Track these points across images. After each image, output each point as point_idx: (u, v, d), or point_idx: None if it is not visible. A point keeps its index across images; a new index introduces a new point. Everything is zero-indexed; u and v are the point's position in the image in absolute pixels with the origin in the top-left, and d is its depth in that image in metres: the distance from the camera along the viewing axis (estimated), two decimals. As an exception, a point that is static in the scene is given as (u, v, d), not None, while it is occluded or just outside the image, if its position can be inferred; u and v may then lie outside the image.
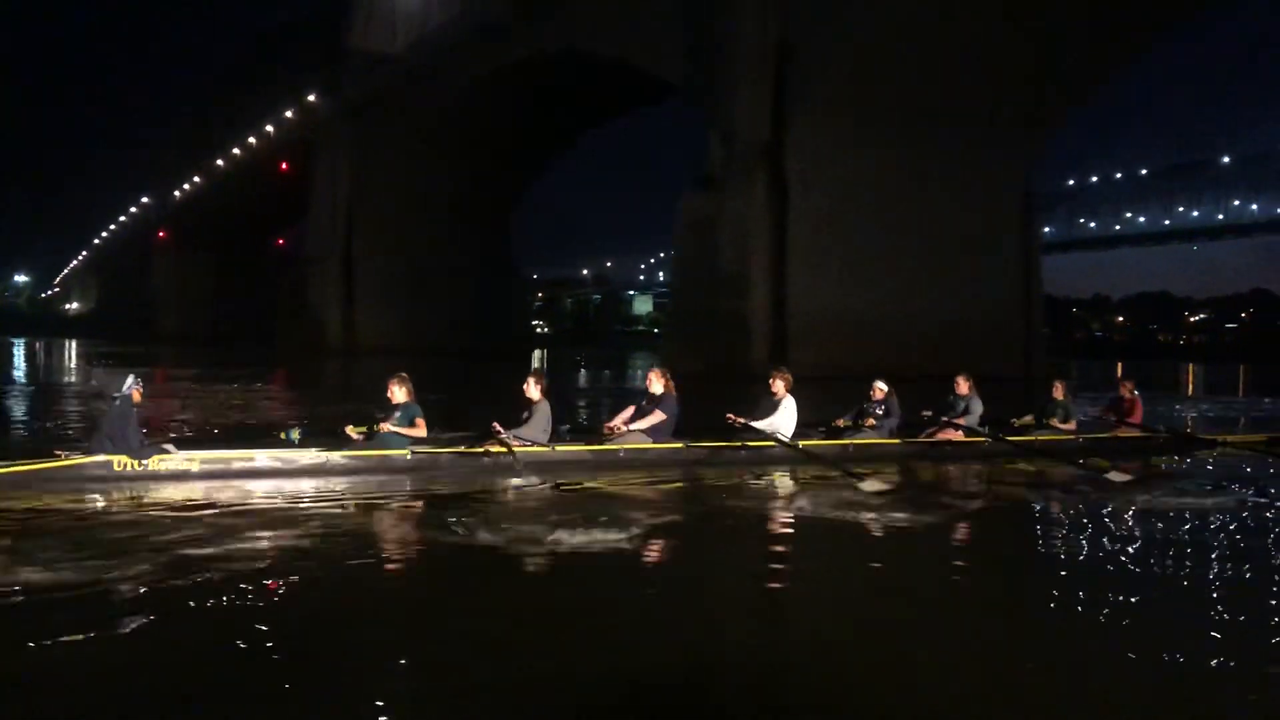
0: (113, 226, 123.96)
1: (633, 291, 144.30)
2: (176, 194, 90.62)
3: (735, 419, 9.72)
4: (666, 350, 33.96)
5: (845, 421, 10.75)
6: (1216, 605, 5.07)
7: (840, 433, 10.53)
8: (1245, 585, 5.62)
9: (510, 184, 61.02)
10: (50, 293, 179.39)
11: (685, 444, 9.32)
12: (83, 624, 4.28)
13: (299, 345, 57.09)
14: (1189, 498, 8.41)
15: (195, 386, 22.02)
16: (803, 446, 9.56)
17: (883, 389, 10.58)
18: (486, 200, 59.78)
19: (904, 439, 10.50)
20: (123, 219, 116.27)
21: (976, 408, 10.86)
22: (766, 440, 9.52)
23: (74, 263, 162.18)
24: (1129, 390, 12.05)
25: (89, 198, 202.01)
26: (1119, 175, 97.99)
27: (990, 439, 10.63)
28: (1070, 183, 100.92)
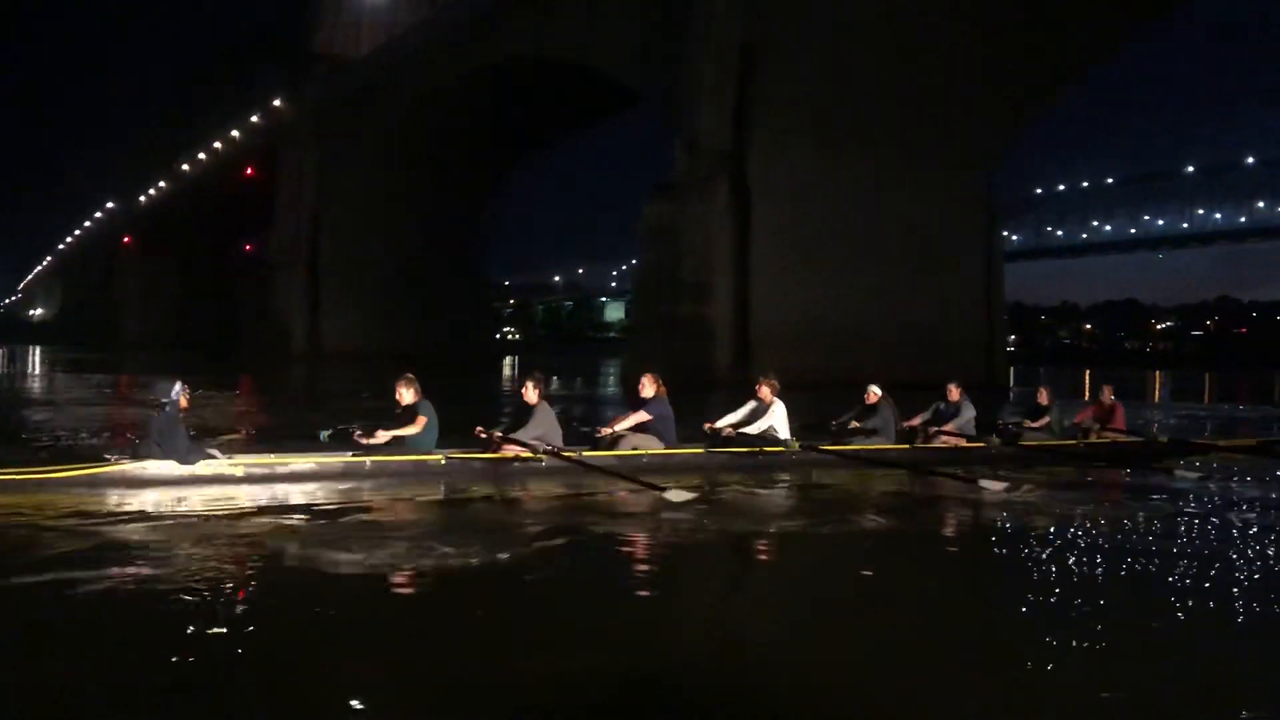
0: (77, 232, 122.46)
1: (605, 298, 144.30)
2: (142, 199, 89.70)
3: (727, 428, 9.76)
4: (630, 357, 33.80)
5: (839, 424, 10.69)
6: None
7: (840, 438, 10.45)
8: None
9: (477, 189, 60.73)
10: (13, 299, 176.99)
11: (706, 449, 9.50)
12: (155, 623, 4.39)
13: (264, 351, 56.57)
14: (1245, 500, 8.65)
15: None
16: (820, 449, 9.77)
17: (876, 394, 10.54)
18: (454, 205, 59.52)
19: (914, 445, 10.50)
20: (88, 224, 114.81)
21: (969, 413, 10.86)
22: (780, 445, 9.67)
23: (38, 269, 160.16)
24: (1109, 395, 11.90)
25: (53, 202, 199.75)
26: (1085, 184, 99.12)
27: (991, 444, 10.64)
28: (1038, 191, 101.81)
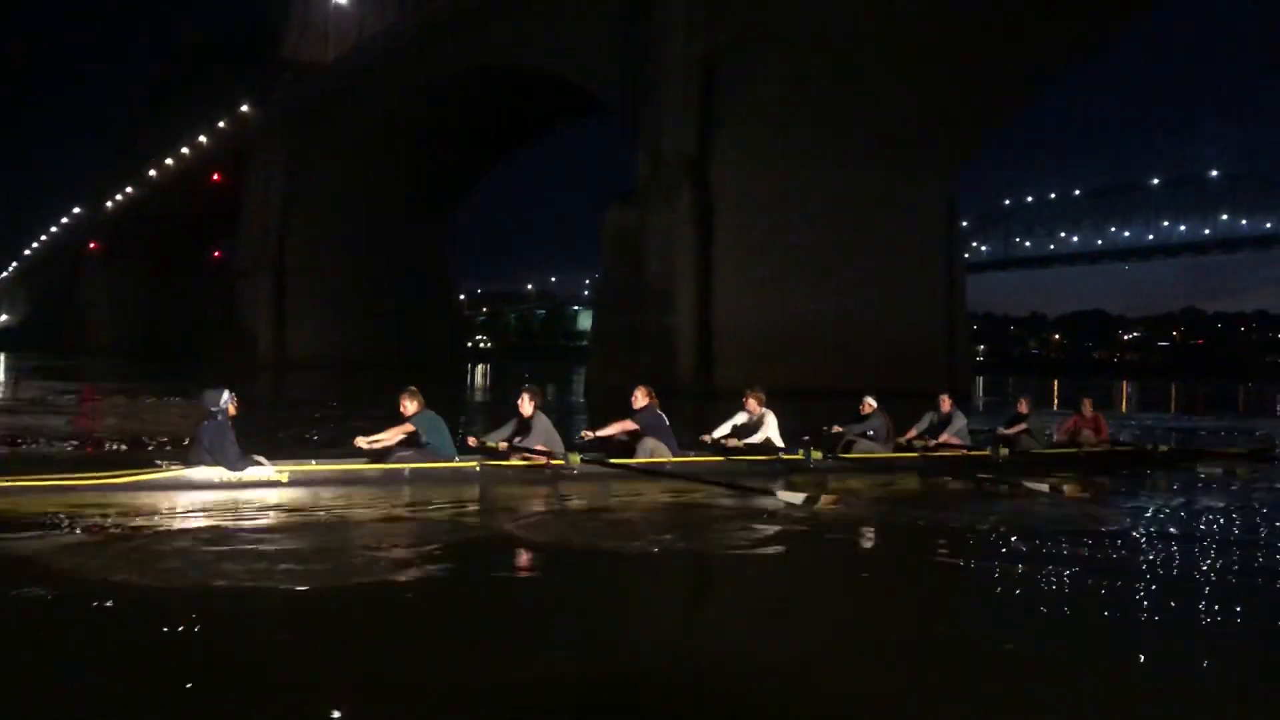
0: (43, 237, 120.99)
1: (577, 306, 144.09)
2: (109, 204, 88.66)
3: (728, 440, 9.82)
4: (592, 365, 33.69)
5: (832, 433, 10.72)
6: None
7: (839, 447, 10.48)
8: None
9: (445, 196, 60.50)
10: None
11: (726, 458, 9.61)
12: (205, 622, 4.41)
13: (230, 359, 55.97)
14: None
15: (125, 401, 21.25)
16: (830, 459, 9.92)
17: (872, 404, 10.60)
18: (421, 212, 59.22)
19: (921, 452, 10.62)
20: (53, 229, 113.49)
21: (960, 423, 10.97)
22: (791, 455, 9.80)
23: (2, 274, 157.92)
24: (1089, 408, 11.93)
25: (18, 207, 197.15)
26: (1053, 196, 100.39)
27: (989, 452, 10.71)
28: (1007, 203, 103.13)
